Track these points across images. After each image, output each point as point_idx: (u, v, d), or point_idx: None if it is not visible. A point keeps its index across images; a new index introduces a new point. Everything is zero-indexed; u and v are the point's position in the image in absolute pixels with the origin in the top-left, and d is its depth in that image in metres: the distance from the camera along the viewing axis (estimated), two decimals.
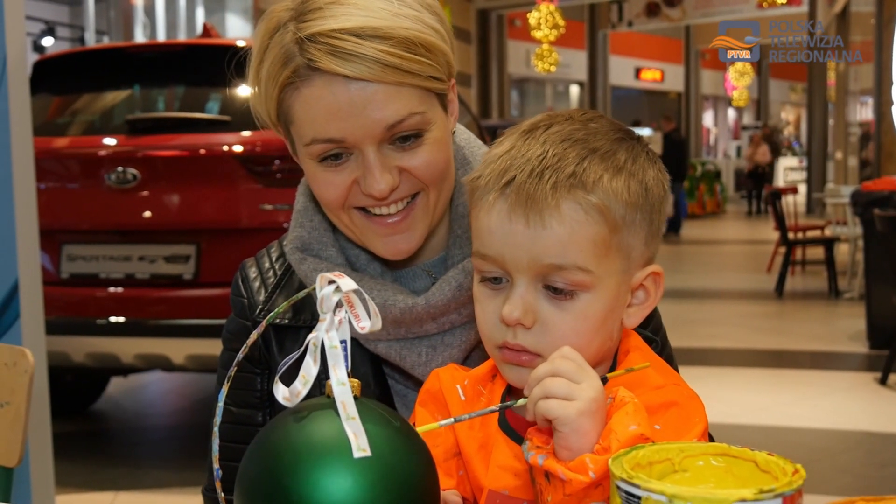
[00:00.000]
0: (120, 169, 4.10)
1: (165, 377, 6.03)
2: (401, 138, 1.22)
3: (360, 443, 0.81)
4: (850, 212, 8.43)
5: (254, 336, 0.90)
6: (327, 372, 0.84)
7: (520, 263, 0.99)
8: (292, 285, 1.37)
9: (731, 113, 32.63)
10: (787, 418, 5.05)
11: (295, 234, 1.37)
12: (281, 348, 1.36)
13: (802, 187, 18.83)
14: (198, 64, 4.43)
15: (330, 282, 0.84)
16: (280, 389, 0.87)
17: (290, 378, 0.87)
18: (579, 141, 1.02)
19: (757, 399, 5.47)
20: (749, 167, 20.75)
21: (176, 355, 4.09)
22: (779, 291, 9.19)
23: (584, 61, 22.53)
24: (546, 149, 1.01)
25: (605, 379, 0.96)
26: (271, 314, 0.94)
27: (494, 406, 1.01)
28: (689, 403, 1.00)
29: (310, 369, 0.86)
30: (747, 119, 30.94)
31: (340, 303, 0.85)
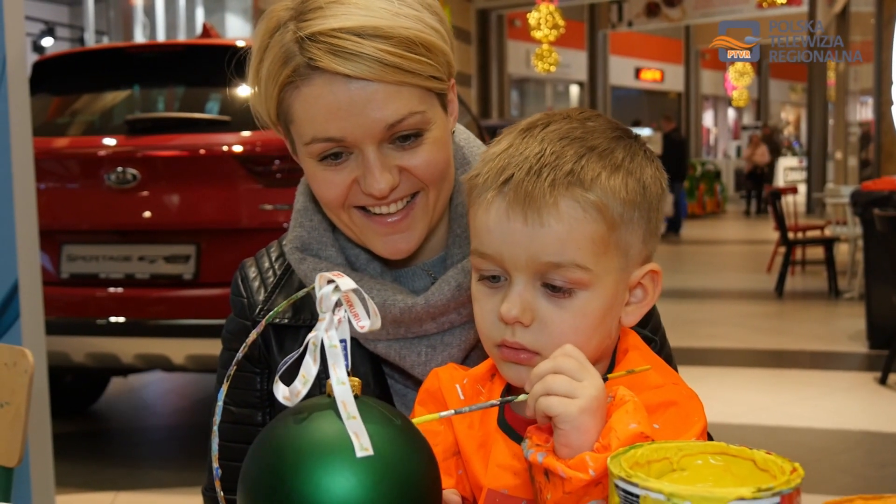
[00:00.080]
0: (120, 169, 4.10)
1: (165, 377, 6.03)
2: (401, 138, 1.22)
3: (363, 442, 0.81)
4: (850, 212, 8.43)
5: (253, 335, 0.90)
6: (327, 371, 0.84)
7: (518, 261, 1.00)
8: (292, 285, 1.38)
9: (731, 113, 32.63)
10: (787, 418, 5.05)
11: (294, 234, 1.37)
12: (280, 348, 1.36)
13: (802, 187, 18.83)
14: (198, 64, 4.43)
15: (329, 281, 0.85)
16: (280, 389, 0.87)
17: (291, 378, 0.87)
18: (577, 139, 1.02)
19: (757, 399, 5.47)
20: (748, 168, 20.73)
21: (176, 355, 4.09)
22: (779, 291, 9.19)
23: (584, 61, 22.53)
24: (544, 147, 1.01)
25: (606, 379, 0.96)
26: (271, 313, 0.94)
27: (495, 399, 1.01)
28: (688, 403, 1.00)
29: (310, 369, 0.86)
30: (747, 119, 30.93)
31: (340, 302, 0.85)
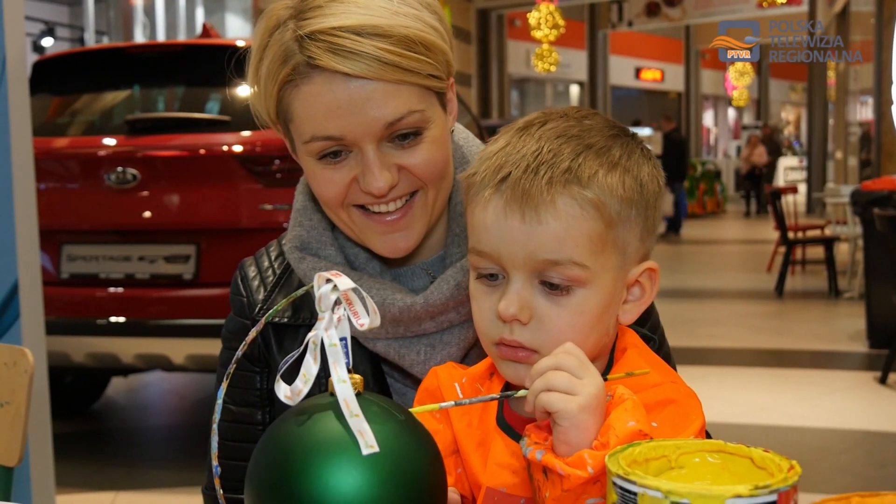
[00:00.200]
0: (120, 169, 4.10)
1: (165, 377, 6.03)
2: (400, 136, 1.22)
3: (368, 440, 0.81)
4: (850, 211, 8.42)
5: (252, 334, 0.90)
6: (328, 370, 0.85)
7: (515, 259, 1.00)
8: (291, 284, 1.38)
9: (732, 113, 32.61)
10: (788, 418, 5.05)
11: (294, 234, 1.37)
12: (280, 347, 1.36)
13: (802, 187, 18.83)
14: (197, 64, 4.43)
15: (327, 280, 0.85)
16: (281, 388, 0.88)
17: (292, 377, 0.87)
18: (574, 137, 1.02)
19: (757, 398, 5.47)
20: (746, 168, 20.69)
21: (176, 355, 4.09)
22: (779, 291, 9.19)
23: (584, 61, 22.53)
24: (541, 145, 1.01)
25: (605, 380, 0.96)
26: (270, 312, 0.94)
27: (495, 394, 1.01)
28: (687, 401, 1.01)
29: (310, 368, 0.86)
30: (747, 119, 30.91)
31: (339, 300, 0.85)
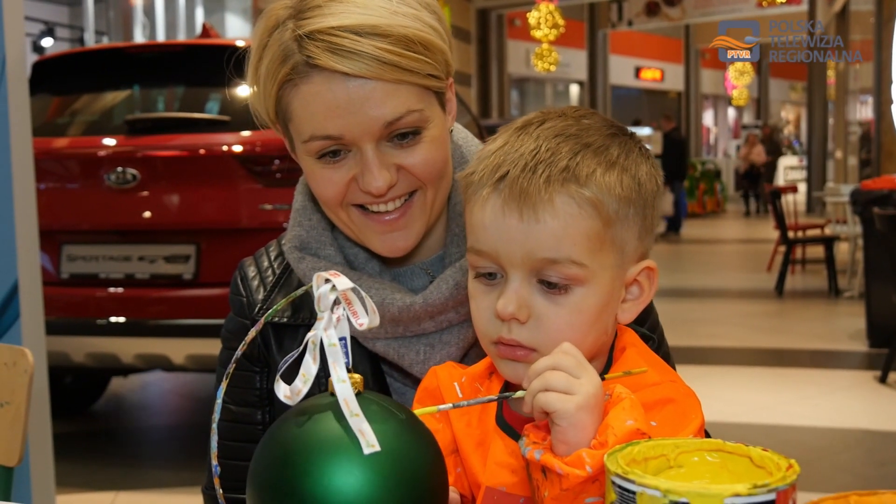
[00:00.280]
0: (120, 169, 4.10)
1: (165, 377, 6.03)
2: (399, 136, 1.22)
3: (369, 439, 0.81)
4: (850, 210, 8.42)
5: (252, 333, 0.91)
6: (327, 370, 0.85)
7: (514, 258, 1.00)
8: (291, 284, 1.38)
9: (731, 112, 32.61)
10: (788, 417, 5.05)
11: (293, 233, 1.37)
12: (280, 347, 1.36)
13: (802, 186, 18.82)
14: (197, 64, 4.43)
15: (326, 280, 0.85)
16: (281, 388, 0.88)
17: (291, 377, 0.87)
18: (572, 136, 1.02)
19: (757, 398, 5.47)
20: (744, 167, 20.67)
21: (176, 355, 4.10)
22: (779, 290, 9.19)
23: (584, 61, 22.52)
24: (539, 144, 1.01)
25: (603, 379, 0.96)
26: (269, 312, 0.94)
27: (493, 395, 1.02)
28: (685, 400, 1.01)
29: (310, 367, 0.86)
30: (747, 118, 30.91)
31: (338, 300, 0.85)
